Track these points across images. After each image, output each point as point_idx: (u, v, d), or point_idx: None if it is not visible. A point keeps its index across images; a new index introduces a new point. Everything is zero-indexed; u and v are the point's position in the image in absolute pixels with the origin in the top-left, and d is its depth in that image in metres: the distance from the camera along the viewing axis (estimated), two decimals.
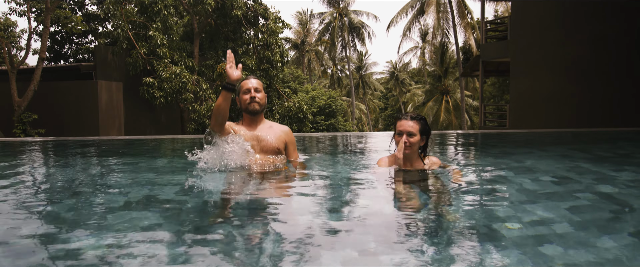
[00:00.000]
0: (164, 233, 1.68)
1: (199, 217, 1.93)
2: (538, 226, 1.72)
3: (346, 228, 1.76)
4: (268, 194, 2.42)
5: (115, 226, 1.76)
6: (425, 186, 2.55)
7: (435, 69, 35.07)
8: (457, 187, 2.52)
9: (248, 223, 1.83)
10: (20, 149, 5.32)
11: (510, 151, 4.86)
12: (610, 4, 10.55)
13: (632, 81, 10.32)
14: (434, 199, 2.25)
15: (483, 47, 14.59)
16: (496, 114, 16.76)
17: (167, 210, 2.04)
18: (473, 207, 2.07)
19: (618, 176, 2.86)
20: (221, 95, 2.77)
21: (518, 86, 12.67)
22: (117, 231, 1.69)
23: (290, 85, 25.43)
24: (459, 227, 1.74)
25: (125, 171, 3.30)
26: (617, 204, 2.12)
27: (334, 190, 2.54)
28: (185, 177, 2.93)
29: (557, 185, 2.53)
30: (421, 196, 2.36)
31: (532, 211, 1.94)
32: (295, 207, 2.15)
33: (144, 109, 16.24)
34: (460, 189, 2.49)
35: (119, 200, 2.23)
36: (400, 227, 1.77)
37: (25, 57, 14.56)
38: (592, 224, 1.79)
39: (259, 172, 2.87)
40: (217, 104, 2.77)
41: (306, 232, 1.68)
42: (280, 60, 17.73)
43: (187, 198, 2.29)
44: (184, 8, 17.34)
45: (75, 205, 2.17)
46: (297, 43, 39.25)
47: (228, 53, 2.85)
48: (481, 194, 2.38)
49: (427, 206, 2.10)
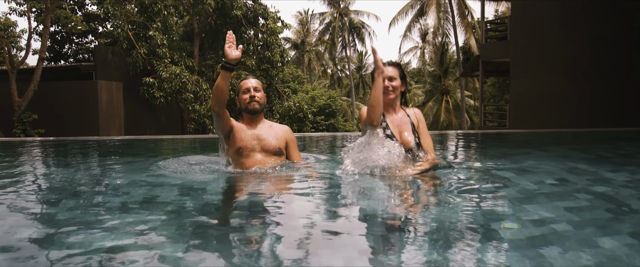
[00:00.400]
0: (165, 233, 1.68)
1: (200, 217, 1.93)
2: (538, 226, 1.72)
3: (347, 228, 1.76)
4: (270, 194, 2.42)
5: (116, 227, 1.76)
6: (427, 183, 2.55)
7: (435, 69, 35.07)
8: (456, 185, 2.52)
9: (250, 224, 1.83)
10: (20, 149, 5.32)
11: (510, 151, 4.86)
12: (610, 4, 10.55)
13: (632, 81, 10.32)
14: (434, 198, 2.26)
15: (483, 47, 14.59)
16: (496, 114, 16.76)
17: (168, 210, 2.04)
18: (473, 207, 2.07)
19: (618, 176, 2.86)
20: (220, 75, 2.82)
21: (518, 86, 12.67)
22: (117, 231, 1.69)
23: (290, 85, 25.43)
24: (458, 227, 1.74)
25: (125, 171, 3.30)
26: (617, 204, 2.12)
27: (334, 189, 2.54)
28: (186, 177, 2.93)
29: (556, 185, 2.53)
30: (421, 195, 2.36)
31: (532, 211, 1.94)
32: (296, 208, 2.15)
33: (144, 109, 16.25)
34: (459, 188, 2.48)
35: (120, 200, 2.23)
36: (400, 226, 1.77)
37: (25, 57, 14.56)
38: (592, 224, 1.79)
39: (261, 173, 2.87)
40: (217, 83, 2.81)
41: (307, 232, 1.68)
42: (280, 60, 17.73)
43: (188, 198, 2.29)
44: (184, 8, 17.34)
45: (75, 205, 2.17)
46: (297, 43, 39.26)
47: (229, 33, 2.89)
48: (480, 194, 2.38)
49: (427, 206, 2.10)
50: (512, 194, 2.30)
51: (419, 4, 30.38)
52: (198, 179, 2.83)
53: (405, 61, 45.78)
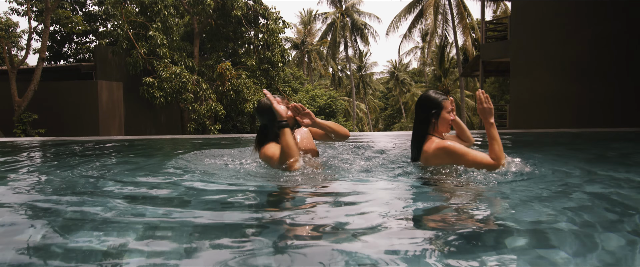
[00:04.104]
0: (165, 233, 1.68)
1: (201, 217, 1.93)
2: (538, 226, 1.72)
3: (350, 228, 1.76)
4: (281, 191, 2.42)
5: (116, 227, 1.76)
6: (426, 185, 2.55)
7: (435, 69, 35.09)
8: (456, 185, 2.52)
9: (255, 221, 1.83)
10: (20, 149, 5.32)
11: (510, 151, 4.86)
12: (611, 4, 10.55)
13: (632, 81, 10.32)
14: (433, 198, 2.26)
15: (483, 47, 14.60)
16: (496, 114, 16.77)
17: (168, 211, 2.04)
18: (473, 207, 2.07)
19: (618, 176, 2.86)
20: (285, 135, 2.69)
21: (518, 86, 12.67)
22: (118, 232, 1.69)
23: (291, 84, 25.45)
24: (456, 227, 1.74)
25: (125, 171, 3.30)
26: (617, 205, 2.11)
27: (347, 189, 2.54)
28: (186, 177, 2.93)
29: (556, 185, 2.53)
30: (421, 196, 2.36)
31: (532, 211, 1.94)
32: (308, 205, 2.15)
33: (144, 109, 16.25)
34: (460, 188, 2.48)
35: (119, 200, 2.23)
36: (400, 226, 1.77)
37: (25, 57, 14.57)
38: (592, 224, 1.78)
39: None
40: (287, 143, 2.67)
41: (307, 231, 1.68)
42: (281, 60, 17.74)
43: (188, 198, 2.29)
44: (184, 8, 17.35)
45: (75, 205, 2.17)
46: (298, 43, 39.28)
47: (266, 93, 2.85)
48: (480, 193, 2.38)
49: (427, 206, 2.10)
50: (512, 194, 2.30)
51: (420, 6, 30.35)
52: (201, 179, 2.83)
53: (406, 61, 45.84)
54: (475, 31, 27.87)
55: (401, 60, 44.33)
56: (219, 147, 4.98)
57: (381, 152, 3.91)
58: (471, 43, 27.48)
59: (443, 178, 2.63)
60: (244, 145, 5.04)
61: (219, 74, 15.69)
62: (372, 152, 3.95)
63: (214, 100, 15.68)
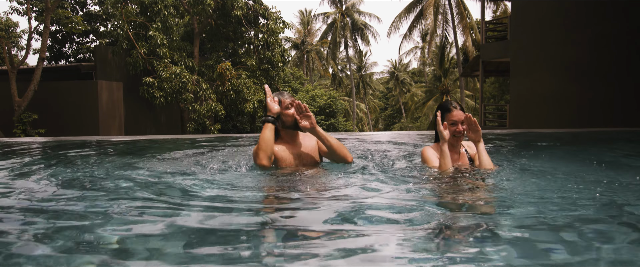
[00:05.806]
0: (165, 233, 1.68)
1: (203, 217, 1.93)
2: (538, 226, 1.72)
3: (351, 228, 1.76)
4: (282, 192, 2.42)
5: (116, 227, 1.76)
6: (429, 183, 2.56)
7: (435, 69, 35.09)
8: (455, 185, 2.53)
9: (257, 221, 1.83)
10: (20, 149, 5.32)
11: (510, 151, 4.86)
12: (611, 4, 10.55)
13: (632, 81, 10.32)
14: (433, 198, 2.26)
15: (483, 47, 14.60)
16: (496, 114, 16.76)
17: (168, 211, 2.04)
18: (472, 207, 2.08)
19: (618, 176, 2.86)
20: (266, 128, 2.79)
21: (518, 86, 12.67)
22: (119, 232, 1.69)
23: (291, 84, 25.45)
24: (457, 227, 1.74)
25: (125, 171, 3.30)
26: (617, 205, 2.12)
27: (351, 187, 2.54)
28: (187, 176, 2.93)
29: (556, 185, 2.53)
30: (421, 196, 2.36)
31: (532, 211, 1.95)
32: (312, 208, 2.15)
33: (144, 108, 16.25)
34: (459, 188, 2.49)
35: (119, 200, 2.23)
36: (399, 226, 1.77)
37: (25, 57, 14.58)
38: (592, 224, 1.79)
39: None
40: (264, 136, 2.75)
41: (308, 229, 1.68)
42: (281, 60, 17.73)
43: (188, 198, 2.29)
44: (184, 8, 17.35)
45: (75, 205, 2.17)
46: (298, 43, 39.27)
47: (265, 88, 2.95)
48: (480, 193, 2.38)
49: (426, 206, 2.10)
50: (512, 194, 2.30)
51: (420, 6, 30.34)
52: (202, 178, 2.83)
53: (406, 61, 45.84)
54: (475, 31, 27.87)
55: (401, 60, 44.35)
56: (219, 147, 4.99)
57: (381, 152, 3.91)
58: (471, 43, 27.50)
59: (441, 178, 2.64)
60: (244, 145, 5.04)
61: (219, 74, 15.69)
62: (371, 152, 3.96)
63: (214, 100, 15.68)
